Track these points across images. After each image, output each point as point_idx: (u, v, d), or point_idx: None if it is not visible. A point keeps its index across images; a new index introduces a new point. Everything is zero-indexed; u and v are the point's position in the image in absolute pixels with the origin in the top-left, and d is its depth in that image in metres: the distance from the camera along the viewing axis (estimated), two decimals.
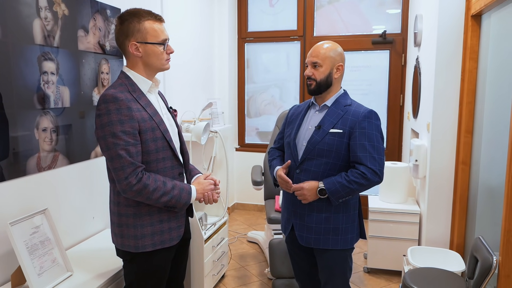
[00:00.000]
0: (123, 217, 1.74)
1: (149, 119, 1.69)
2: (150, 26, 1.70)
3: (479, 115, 2.71)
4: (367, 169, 1.90)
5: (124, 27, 1.69)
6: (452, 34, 2.86)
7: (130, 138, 1.62)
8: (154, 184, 1.66)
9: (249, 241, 4.17)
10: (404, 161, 4.36)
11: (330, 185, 1.92)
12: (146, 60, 1.73)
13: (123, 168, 1.61)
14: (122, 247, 1.76)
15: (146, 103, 1.72)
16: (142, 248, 1.73)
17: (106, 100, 1.62)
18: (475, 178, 2.76)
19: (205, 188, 1.87)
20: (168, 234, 1.77)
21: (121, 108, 1.61)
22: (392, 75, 4.57)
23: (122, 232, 1.74)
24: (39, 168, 2.05)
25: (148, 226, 1.73)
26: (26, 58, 1.95)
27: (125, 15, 1.71)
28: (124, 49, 1.74)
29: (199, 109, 4.13)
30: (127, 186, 1.62)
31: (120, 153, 1.60)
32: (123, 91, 1.67)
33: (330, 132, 1.97)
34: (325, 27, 4.78)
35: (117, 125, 1.60)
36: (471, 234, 2.81)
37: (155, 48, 1.72)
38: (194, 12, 4.15)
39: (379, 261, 3.37)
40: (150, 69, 1.76)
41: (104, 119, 1.62)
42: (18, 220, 1.78)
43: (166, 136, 1.74)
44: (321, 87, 2.02)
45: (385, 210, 3.29)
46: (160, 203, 1.70)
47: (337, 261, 2.05)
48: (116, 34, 1.73)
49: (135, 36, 1.69)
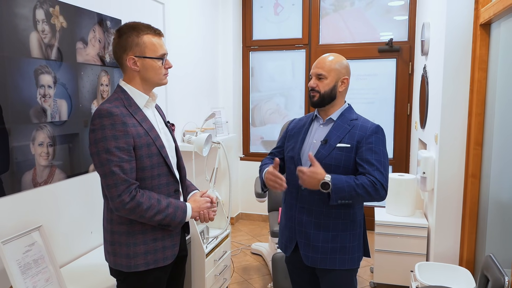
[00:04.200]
0: (115, 235, 1.69)
1: (145, 135, 1.65)
2: (148, 40, 1.67)
3: (489, 126, 2.63)
4: (377, 180, 1.82)
5: (123, 40, 1.66)
6: (460, 43, 2.78)
7: (124, 155, 1.58)
8: (148, 202, 1.61)
9: (253, 253, 4.10)
10: (412, 172, 4.27)
11: (336, 181, 1.79)
12: (144, 74, 1.69)
13: (116, 185, 1.56)
14: (115, 266, 1.71)
15: (142, 118, 1.68)
16: (135, 268, 1.67)
17: (100, 115, 1.58)
18: (485, 192, 2.68)
19: (201, 206, 1.81)
20: (162, 253, 1.71)
21: (115, 123, 1.58)
22: (399, 83, 4.49)
23: (115, 251, 1.69)
24: (35, 183, 2.00)
25: (141, 244, 1.67)
26: (23, 72, 1.91)
27: (124, 29, 1.68)
28: (121, 63, 1.71)
29: (203, 119, 4.08)
30: (120, 204, 1.57)
31: (114, 169, 1.56)
32: (119, 105, 1.64)
33: (337, 147, 1.89)
34: (330, 35, 4.72)
35: (111, 140, 1.56)
36: (481, 249, 2.72)
37: (153, 63, 1.68)
38: (198, 21, 4.12)
39: (386, 276, 3.28)
40: (147, 84, 1.73)
41: (98, 135, 1.57)
42: (11, 238, 1.74)
43: (162, 152, 1.69)
44: (324, 99, 1.95)
45: (392, 223, 3.20)
46: (154, 221, 1.65)
47: (343, 282, 1.97)
48: (114, 47, 1.70)
49: (133, 50, 1.66)
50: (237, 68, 4.93)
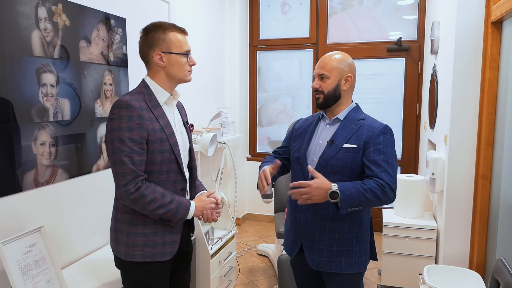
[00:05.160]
0: (118, 222, 1.74)
1: (160, 130, 1.69)
2: (174, 37, 1.73)
3: (500, 127, 2.56)
4: (384, 183, 1.77)
5: (149, 37, 1.72)
6: (471, 41, 2.72)
7: (136, 146, 1.62)
8: (152, 195, 1.65)
9: (259, 254, 4.05)
10: (421, 173, 4.20)
11: (344, 189, 1.72)
12: (169, 70, 1.74)
13: (124, 174, 1.61)
14: (116, 253, 1.76)
15: (160, 114, 1.73)
16: (131, 257, 1.71)
17: (120, 105, 1.64)
18: (496, 194, 2.61)
19: (205, 206, 1.83)
20: (161, 248, 1.73)
21: (132, 116, 1.62)
22: (408, 83, 4.42)
23: (117, 237, 1.74)
24: (37, 183, 1.98)
25: (140, 236, 1.71)
26: (24, 71, 1.89)
27: (150, 27, 1.74)
28: (147, 59, 1.75)
29: (209, 118, 4.05)
30: (125, 193, 1.62)
31: (124, 159, 1.60)
32: (139, 99, 1.69)
33: (343, 147, 1.84)
34: (338, 35, 4.66)
35: (126, 131, 1.61)
36: (492, 252, 2.65)
37: (178, 58, 1.74)
38: (204, 20, 4.09)
39: (394, 278, 3.22)
40: (171, 80, 1.77)
41: (115, 124, 1.62)
42: (11, 239, 1.72)
43: (174, 149, 1.73)
44: (329, 100, 1.90)
45: (400, 225, 3.15)
46: (156, 214, 1.68)
47: (349, 286, 1.92)
48: (141, 45, 1.76)
49: (160, 46, 1.71)
50: (244, 68, 4.89)
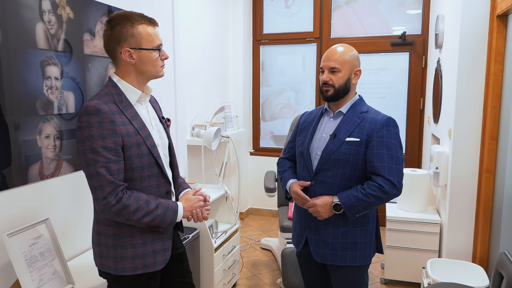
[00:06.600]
0: (102, 236, 1.62)
1: (135, 134, 1.56)
2: (144, 30, 1.57)
3: (504, 120, 2.56)
4: (384, 181, 1.77)
5: (115, 32, 1.55)
6: (475, 35, 2.70)
7: (111, 155, 1.49)
8: (135, 203, 1.53)
9: (263, 248, 4.07)
10: (424, 168, 4.20)
11: (345, 199, 1.80)
12: (140, 67, 1.60)
13: (102, 187, 1.49)
14: (102, 268, 1.65)
15: (133, 116, 1.59)
16: (122, 271, 1.60)
17: (88, 112, 1.49)
18: (500, 187, 2.61)
19: (193, 205, 1.72)
20: (152, 258, 1.63)
21: (103, 122, 1.48)
22: (412, 78, 4.41)
23: (101, 252, 1.63)
24: (42, 176, 1.99)
25: (129, 248, 1.59)
26: (28, 63, 1.89)
27: (116, 19, 1.56)
28: (114, 56, 1.60)
29: (212, 113, 4.06)
30: (105, 206, 1.50)
31: (99, 171, 1.48)
32: (108, 102, 1.54)
33: (346, 141, 1.84)
34: (342, 29, 4.65)
35: (98, 139, 1.48)
36: (495, 246, 2.65)
37: (150, 54, 1.59)
38: (207, 14, 4.08)
39: (397, 272, 3.22)
40: (143, 77, 1.63)
41: (85, 133, 1.49)
42: (17, 230, 1.72)
43: (153, 152, 1.61)
44: (339, 93, 1.89)
45: (403, 219, 3.15)
46: (143, 223, 1.56)
47: (354, 278, 1.93)
48: (106, 39, 1.59)
49: (128, 42, 1.55)
50: (247, 62, 4.88)
